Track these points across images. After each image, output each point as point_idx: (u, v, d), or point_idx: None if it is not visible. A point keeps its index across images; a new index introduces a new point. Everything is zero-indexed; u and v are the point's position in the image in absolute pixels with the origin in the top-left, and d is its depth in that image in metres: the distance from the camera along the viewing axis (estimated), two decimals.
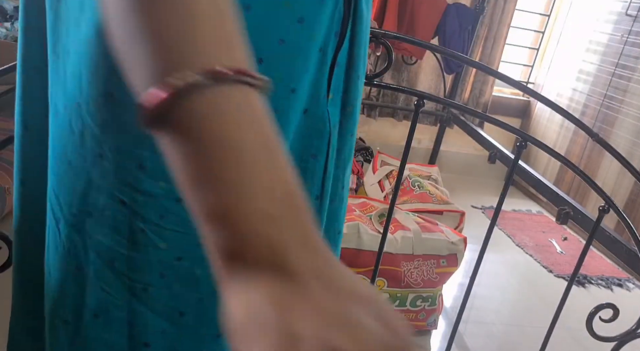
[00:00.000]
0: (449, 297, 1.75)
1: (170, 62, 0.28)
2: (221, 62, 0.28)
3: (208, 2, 0.29)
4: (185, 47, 0.28)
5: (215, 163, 0.27)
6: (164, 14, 0.28)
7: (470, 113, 2.62)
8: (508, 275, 2.01)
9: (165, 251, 0.52)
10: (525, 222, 2.54)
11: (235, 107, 0.28)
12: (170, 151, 0.29)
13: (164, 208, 0.50)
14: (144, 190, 0.50)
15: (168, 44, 0.28)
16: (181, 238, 0.52)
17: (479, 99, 2.85)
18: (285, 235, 0.28)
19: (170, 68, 0.27)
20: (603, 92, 2.45)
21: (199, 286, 0.55)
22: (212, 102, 0.28)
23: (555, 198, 1.83)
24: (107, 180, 0.50)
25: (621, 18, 2.40)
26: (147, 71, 0.28)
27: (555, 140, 2.72)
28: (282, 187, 0.29)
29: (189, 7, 0.28)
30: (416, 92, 1.04)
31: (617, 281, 2.10)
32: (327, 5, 0.51)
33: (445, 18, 2.43)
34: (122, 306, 0.54)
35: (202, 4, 0.29)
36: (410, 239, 1.42)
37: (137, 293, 0.54)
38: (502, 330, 1.65)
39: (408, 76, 2.73)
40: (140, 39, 0.28)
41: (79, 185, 0.52)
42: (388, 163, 2.16)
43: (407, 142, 1.05)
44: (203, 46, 0.28)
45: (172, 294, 0.54)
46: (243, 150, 0.28)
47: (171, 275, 0.53)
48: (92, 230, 0.53)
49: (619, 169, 2.29)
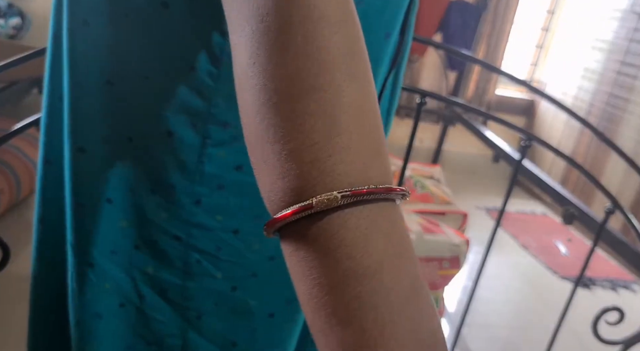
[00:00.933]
0: (451, 300, 1.73)
1: (313, 180, 0.25)
2: (369, 177, 0.26)
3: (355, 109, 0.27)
4: (328, 162, 0.26)
5: (357, 294, 0.25)
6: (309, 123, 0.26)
7: (473, 112, 2.60)
8: (512, 277, 1.99)
9: (221, 280, 0.52)
10: (530, 223, 2.51)
11: (384, 228, 0.26)
12: (297, 264, 0.27)
13: (220, 240, 0.50)
14: (199, 223, 0.49)
15: (310, 157, 0.26)
16: (237, 269, 0.52)
17: (482, 97, 2.82)
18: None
19: (313, 185, 0.25)
20: (609, 91, 2.41)
21: (252, 317, 0.55)
22: (357, 222, 0.26)
23: (560, 199, 1.81)
24: (159, 216, 0.50)
25: (627, 15, 2.37)
26: (286, 182, 0.26)
27: (560, 139, 2.69)
28: (427, 335, 0.26)
29: (335, 117, 0.26)
30: (418, 90, 1.02)
31: (622, 283, 2.07)
32: (391, 38, 0.50)
33: (448, 15, 2.40)
34: (177, 334, 0.54)
35: (349, 113, 0.26)
36: (412, 240, 1.40)
37: (192, 321, 0.54)
38: (505, 333, 1.63)
39: (410, 74, 2.71)
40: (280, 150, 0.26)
41: (124, 222, 0.51)
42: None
43: (409, 141, 1.02)
44: (350, 161, 0.26)
45: (225, 324, 0.55)
46: (390, 289, 0.26)
47: (225, 305, 0.54)
48: (141, 264, 0.52)
49: (625, 169, 2.26)
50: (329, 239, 0.25)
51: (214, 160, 0.48)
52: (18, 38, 2.12)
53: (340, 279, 0.25)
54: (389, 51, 0.52)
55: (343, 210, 0.25)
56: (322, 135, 0.26)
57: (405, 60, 0.59)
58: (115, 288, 0.53)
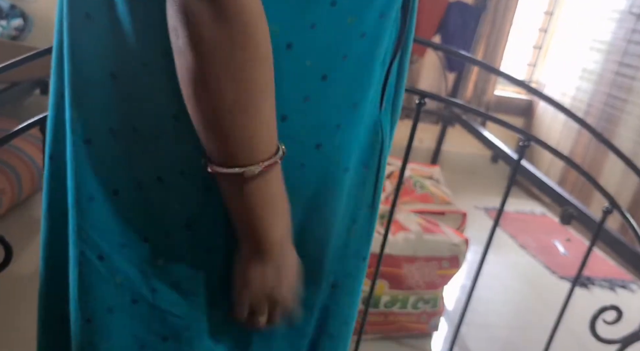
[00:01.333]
0: (450, 299, 1.74)
1: (245, 157, 0.44)
2: (271, 152, 0.45)
3: (266, 100, 0.43)
4: (256, 147, 0.44)
5: (261, 210, 0.48)
6: (244, 121, 0.43)
7: (472, 113, 2.61)
8: (511, 277, 1.99)
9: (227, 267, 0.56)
10: (528, 223, 2.52)
11: (275, 182, 0.47)
12: (230, 195, 0.48)
13: (229, 225, 0.53)
14: (210, 210, 0.52)
15: (255, 144, 0.44)
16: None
17: (481, 98, 2.83)
18: (283, 246, 0.52)
19: (246, 160, 0.44)
20: (607, 91, 2.42)
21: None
22: (266, 180, 0.46)
23: (558, 199, 1.82)
24: (167, 205, 0.53)
25: (625, 16, 2.38)
26: (224, 155, 0.45)
27: (559, 139, 2.70)
28: (286, 223, 0.51)
29: (256, 113, 0.43)
30: (417, 90, 1.02)
31: (620, 283, 2.08)
32: (387, 18, 0.51)
33: (447, 15, 2.41)
34: (194, 327, 0.57)
35: (262, 105, 0.43)
36: (412, 240, 1.41)
37: (206, 310, 0.57)
38: (504, 332, 1.63)
39: (409, 74, 2.71)
40: (231, 135, 0.43)
41: (131, 213, 0.53)
42: (389, 163, 2.14)
43: (408, 141, 1.03)
44: (265, 145, 0.45)
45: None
46: (275, 206, 0.49)
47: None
48: (151, 257, 0.54)
49: (623, 169, 2.27)
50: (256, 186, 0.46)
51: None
52: (20, 39, 2.12)
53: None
54: (387, 33, 0.52)
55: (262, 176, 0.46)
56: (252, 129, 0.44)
57: (410, 46, 0.59)
58: (126, 283, 0.54)
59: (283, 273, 0.53)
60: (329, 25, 0.47)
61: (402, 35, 0.55)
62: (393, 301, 1.41)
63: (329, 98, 0.50)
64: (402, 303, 1.42)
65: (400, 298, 1.42)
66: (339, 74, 0.50)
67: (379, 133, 0.58)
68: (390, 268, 1.38)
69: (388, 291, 1.40)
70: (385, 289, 1.40)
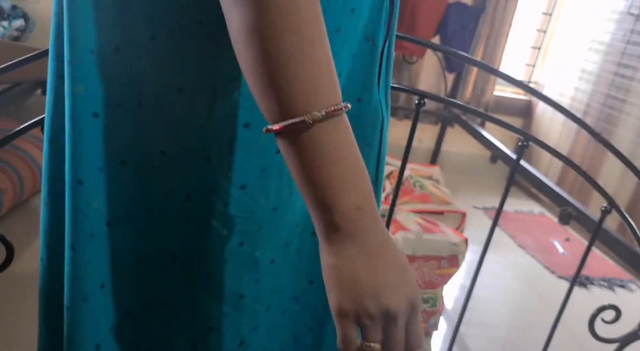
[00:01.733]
0: (450, 298, 1.74)
1: (307, 102, 0.39)
2: (335, 100, 0.40)
3: (324, 52, 0.40)
4: (317, 92, 0.40)
5: (328, 167, 0.40)
6: (301, 67, 0.39)
7: (471, 113, 2.61)
8: (510, 276, 2.00)
9: (228, 237, 0.56)
10: (527, 222, 2.52)
11: (343, 134, 0.41)
12: (293, 156, 0.41)
13: (229, 196, 0.53)
14: (210, 181, 0.53)
15: (307, 89, 0.40)
16: (244, 224, 0.55)
17: (481, 98, 2.84)
18: (365, 220, 0.41)
19: (307, 105, 0.39)
20: (606, 92, 2.43)
21: (256, 268, 0.59)
22: (332, 128, 0.40)
23: (557, 199, 1.82)
24: (170, 177, 0.54)
25: (624, 17, 2.39)
26: (286, 105, 0.39)
27: (558, 139, 2.71)
28: (366, 188, 0.42)
29: (314, 61, 0.40)
30: (417, 91, 1.03)
31: (619, 282, 2.08)
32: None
33: (446, 16, 2.42)
34: (180, 301, 0.59)
35: (321, 56, 0.40)
36: (411, 240, 1.41)
37: (200, 282, 0.58)
38: (503, 331, 1.64)
39: (409, 75, 2.72)
40: (283, 84, 0.39)
41: (135, 186, 0.54)
42: (389, 163, 2.14)
43: (408, 141, 1.04)
44: (327, 92, 0.40)
45: (233, 279, 0.58)
46: (346, 165, 0.41)
47: (233, 261, 0.57)
48: (154, 228, 0.56)
49: (622, 169, 2.28)
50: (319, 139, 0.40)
51: (223, 117, 0.51)
52: (22, 40, 2.13)
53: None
54: (369, 3, 0.55)
55: (324, 123, 0.40)
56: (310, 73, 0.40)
57: (395, 27, 0.61)
58: (120, 247, 0.56)
59: (382, 262, 0.41)
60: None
61: (391, 15, 0.57)
62: None
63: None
64: None
65: None
66: (333, 46, 0.51)
67: (379, 111, 0.59)
68: None
69: None
70: None
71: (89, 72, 0.50)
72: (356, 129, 0.52)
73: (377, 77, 0.58)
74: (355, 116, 0.56)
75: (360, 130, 0.57)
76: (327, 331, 0.69)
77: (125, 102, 0.51)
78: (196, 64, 0.49)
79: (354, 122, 0.51)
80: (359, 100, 0.58)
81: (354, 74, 0.56)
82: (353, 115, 0.54)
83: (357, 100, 0.58)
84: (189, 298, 0.59)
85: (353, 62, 0.56)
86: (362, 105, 0.58)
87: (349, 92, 0.56)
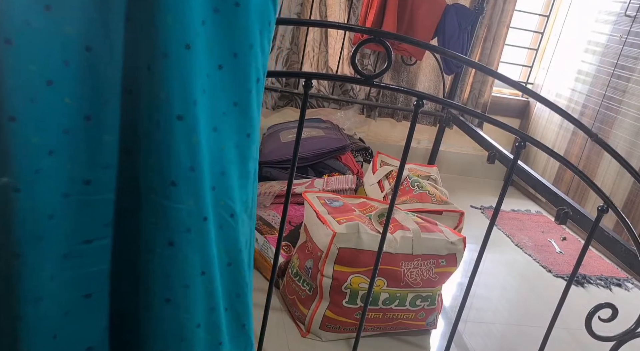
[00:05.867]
0: (448, 297, 1.76)
1: None
2: None
3: None
4: None
5: None
6: None
7: (469, 114, 2.63)
8: (507, 275, 2.02)
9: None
10: (525, 222, 2.54)
11: None
12: None
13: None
14: (130, 178, 0.66)
15: None
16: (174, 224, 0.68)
17: (478, 100, 2.86)
18: None
19: None
20: (602, 93, 2.45)
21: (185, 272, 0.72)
22: None
23: (554, 198, 1.84)
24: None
25: (620, 18, 2.41)
26: None
27: (554, 140, 2.73)
28: None
29: None
30: (415, 92, 1.04)
31: (616, 281, 2.10)
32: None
33: (444, 18, 2.43)
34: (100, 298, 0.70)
35: None
36: (410, 239, 1.43)
37: (118, 276, 0.69)
38: (501, 329, 1.66)
39: (407, 76, 2.74)
40: None
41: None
42: (388, 163, 2.16)
43: (406, 142, 1.05)
44: None
45: (161, 280, 0.69)
46: None
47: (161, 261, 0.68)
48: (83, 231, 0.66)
49: (618, 169, 2.30)
50: None
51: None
52: None
53: None
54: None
55: None
56: None
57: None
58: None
59: None
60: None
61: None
62: (391, 298, 1.43)
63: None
64: (400, 300, 1.44)
65: (398, 296, 1.44)
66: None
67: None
68: (388, 266, 1.40)
69: (386, 289, 1.42)
70: (384, 286, 1.42)
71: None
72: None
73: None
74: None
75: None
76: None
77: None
78: None
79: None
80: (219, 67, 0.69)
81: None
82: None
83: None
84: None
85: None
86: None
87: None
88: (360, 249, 1.38)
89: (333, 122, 2.50)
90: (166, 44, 0.59)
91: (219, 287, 0.74)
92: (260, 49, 0.72)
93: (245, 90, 0.72)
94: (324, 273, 1.39)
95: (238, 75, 0.70)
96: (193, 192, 0.66)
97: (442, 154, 2.93)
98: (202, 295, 0.72)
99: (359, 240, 1.37)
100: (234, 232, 0.76)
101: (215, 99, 0.68)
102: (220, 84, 0.68)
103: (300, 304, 1.47)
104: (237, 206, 0.76)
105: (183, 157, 0.64)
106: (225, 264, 0.77)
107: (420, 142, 2.94)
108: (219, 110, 0.70)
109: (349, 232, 1.37)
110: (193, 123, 0.63)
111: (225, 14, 0.65)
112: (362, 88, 2.68)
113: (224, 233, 0.75)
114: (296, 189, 1.92)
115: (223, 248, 0.75)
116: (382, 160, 2.18)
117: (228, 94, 0.70)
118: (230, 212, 0.74)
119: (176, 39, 0.59)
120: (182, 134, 0.63)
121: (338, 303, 1.41)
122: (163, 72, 0.60)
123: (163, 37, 0.58)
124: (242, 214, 0.78)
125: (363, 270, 1.39)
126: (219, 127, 0.70)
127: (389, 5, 2.34)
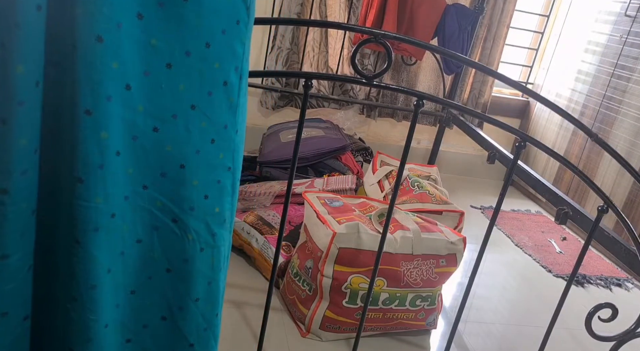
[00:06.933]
0: (448, 297, 1.76)
1: None
2: None
3: None
4: None
5: None
6: None
7: (469, 114, 2.63)
8: (507, 275, 2.02)
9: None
10: (525, 221, 2.54)
11: None
12: None
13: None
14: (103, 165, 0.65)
15: None
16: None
17: (479, 100, 2.86)
18: None
19: None
20: (602, 93, 2.45)
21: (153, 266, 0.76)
22: None
23: (554, 198, 1.84)
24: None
25: (620, 18, 2.41)
26: None
27: (554, 140, 2.73)
28: None
29: None
30: (415, 92, 1.04)
31: (616, 281, 2.10)
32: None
33: (444, 18, 2.43)
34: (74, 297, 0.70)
35: None
36: (410, 239, 1.43)
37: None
38: (501, 329, 1.66)
39: (407, 76, 2.74)
40: None
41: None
42: (388, 163, 2.16)
43: (406, 142, 1.05)
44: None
45: (129, 278, 0.72)
46: None
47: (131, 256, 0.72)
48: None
49: (618, 169, 2.30)
50: None
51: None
52: None
53: None
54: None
55: None
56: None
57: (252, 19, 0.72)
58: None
59: None
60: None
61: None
62: (391, 298, 1.43)
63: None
64: (400, 300, 1.44)
65: (398, 296, 1.44)
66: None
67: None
68: (388, 266, 1.40)
69: (386, 289, 1.42)
70: (384, 286, 1.42)
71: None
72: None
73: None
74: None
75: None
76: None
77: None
78: None
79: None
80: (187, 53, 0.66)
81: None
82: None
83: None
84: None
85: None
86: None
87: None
88: (360, 249, 1.38)
89: (333, 122, 2.50)
90: (75, 35, 0.56)
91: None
92: (228, 48, 0.67)
93: (204, 92, 0.68)
94: (324, 273, 1.39)
95: (192, 76, 0.66)
96: (102, 190, 0.63)
97: (442, 154, 2.93)
98: (111, 294, 0.69)
99: (359, 240, 1.38)
100: (177, 239, 0.72)
101: (160, 99, 0.65)
102: (168, 83, 0.65)
103: (300, 304, 1.47)
104: (187, 214, 0.72)
105: (91, 153, 0.61)
106: (163, 269, 0.73)
107: (420, 142, 2.94)
108: (166, 111, 0.66)
109: (349, 232, 1.37)
110: (103, 119, 0.60)
111: (170, 8, 0.61)
112: (362, 88, 2.68)
113: (160, 235, 0.71)
114: (296, 189, 1.92)
115: (160, 250, 0.72)
116: (382, 160, 2.18)
117: (182, 95, 0.66)
118: (172, 217, 0.71)
119: (85, 30, 0.56)
120: (90, 130, 0.60)
121: (338, 303, 1.41)
122: (71, 64, 0.57)
123: (72, 28, 0.56)
124: (198, 225, 0.73)
125: (363, 270, 1.39)
126: (162, 128, 0.66)
127: (389, 5, 2.34)
